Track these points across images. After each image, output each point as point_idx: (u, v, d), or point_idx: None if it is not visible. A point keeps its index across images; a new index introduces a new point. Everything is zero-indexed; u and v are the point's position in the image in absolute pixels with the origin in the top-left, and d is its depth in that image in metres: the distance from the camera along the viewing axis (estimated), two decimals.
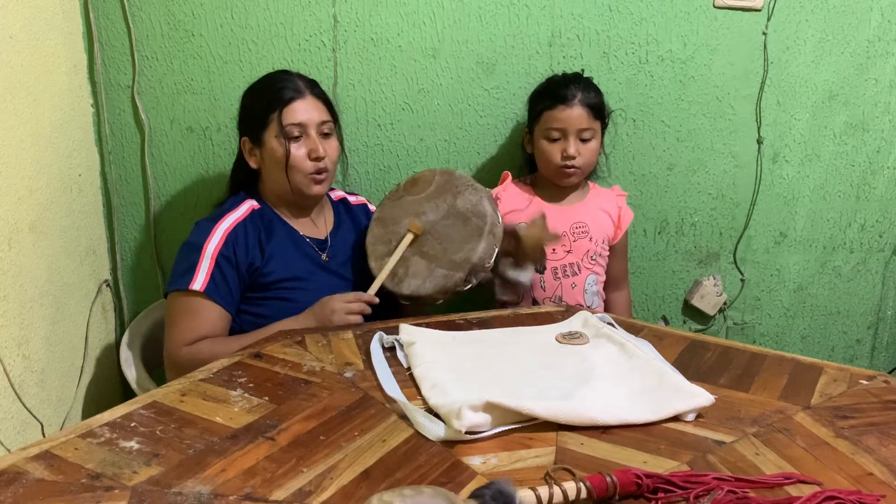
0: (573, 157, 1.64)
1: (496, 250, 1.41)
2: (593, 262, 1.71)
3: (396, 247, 1.48)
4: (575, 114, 1.63)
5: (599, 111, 1.67)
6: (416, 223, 1.49)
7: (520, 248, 1.49)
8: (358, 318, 1.38)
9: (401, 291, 1.44)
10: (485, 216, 1.42)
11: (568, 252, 1.69)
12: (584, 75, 1.72)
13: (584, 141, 1.65)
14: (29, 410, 1.43)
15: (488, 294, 1.64)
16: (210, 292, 1.39)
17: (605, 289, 1.79)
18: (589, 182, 1.78)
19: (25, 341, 1.43)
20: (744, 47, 1.86)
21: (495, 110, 1.86)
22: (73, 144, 1.66)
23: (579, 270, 1.70)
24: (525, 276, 1.52)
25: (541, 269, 1.67)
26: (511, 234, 1.49)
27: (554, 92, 1.67)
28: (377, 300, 1.42)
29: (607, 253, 1.75)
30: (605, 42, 1.83)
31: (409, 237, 1.48)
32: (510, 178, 1.77)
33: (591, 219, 1.71)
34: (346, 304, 1.37)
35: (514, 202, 1.72)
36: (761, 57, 1.87)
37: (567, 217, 1.70)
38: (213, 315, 1.41)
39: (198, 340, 1.39)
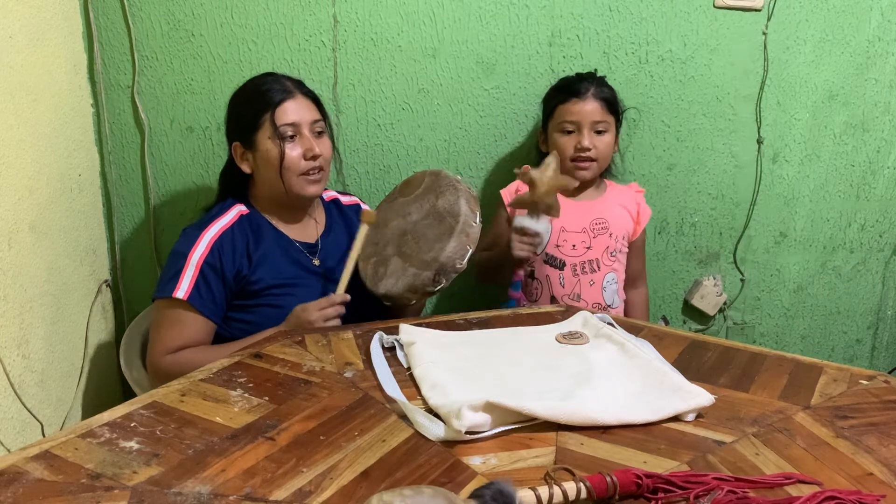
0: (588, 149, 1.64)
1: (469, 250, 1.39)
2: (613, 258, 1.70)
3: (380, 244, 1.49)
4: (588, 107, 1.64)
5: (613, 106, 1.68)
6: (370, 212, 1.50)
7: (532, 193, 1.48)
8: (337, 323, 1.38)
9: (377, 291, 1.44)
10: (458, 215, 1.40)
11: (588, 248, 1.68)
12: (598, 78, 1.72)
13: (598, 133, 1.66)
14: (29, 410, 1.43)
15: (504, 256, 1.59)
16: (193, 301, 1.39)
17: (624, 287, 1.78)
18: (605, 180, 1.78)
19: (25, 341, 1.43)
20: (744, 47, 1.86)
21: (495, 110, 1.86)
22: (73, 144, 1.66)
23: (598, 267, 1.69)
24: (540, 225, 1.50)
25: (560, 265, 1.66)
26: (523, 179, 1.48)
27: (567, 87, 1.69)
28: (348, 297, 1.41)
29: (626, 250, 1.74)
30: (605, 42, 1.83)
31: (364, 228, 1.48)
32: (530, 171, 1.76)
33: (610, 214, 1.71)
34: (321, 312, 1.36)
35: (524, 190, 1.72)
36: (761, 57, 1.87)
37: (586, 213, 1.70)
38: (196, 324, 1.40)
39: (180, 349, 1.39)
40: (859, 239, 2.04)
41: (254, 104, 1.46)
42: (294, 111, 1.45)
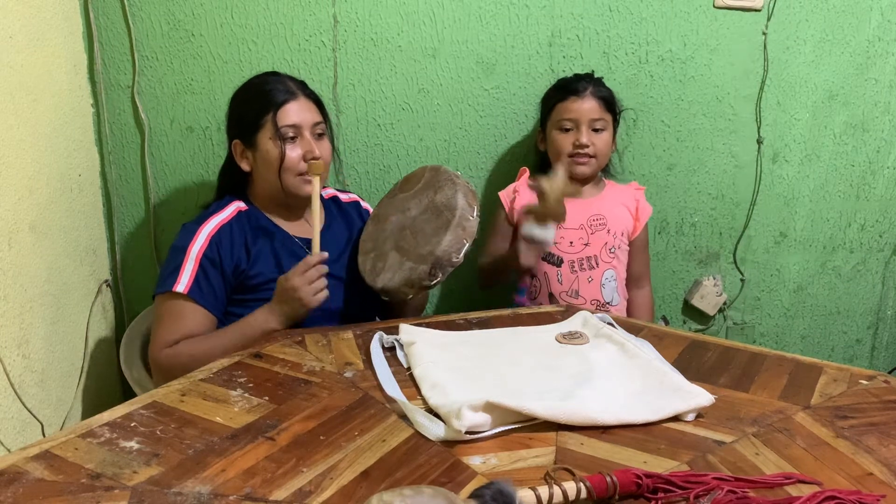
0: (586, 146, 1.65)
1: (466, 244, 1.38)
2: (612, 255, 1.71)
3: (376, 237, 1.50)
4: (587, 105, 1.66)
5: (611, 104, 1.69)
6: (318, 163, 1.44)
7: (543, 203, 1.49)
8: (323, 282, 1.37)
9: (375, 285, 1.44)
10: (454, 209, 1.40)
11: (586, 245, 1.69)
12: (596, 78, 1.73)
13: (596, 131, 1.67)
14: (29, 410, 1.43)
15: (508, 262, 1.65)
16: (193, 294, 1.39)
17: (626, 287, 1.78)
18: (605, 179, 1.78)
19: (25, 341, 1.43)
20: (744, 47, 1.86)
21: (495, 110, 1.86)
22: (73, 144, 1.66)
23: (597, 264, 1.69)
24: (548, 233, 1.52)
25: (558, 262, 1.67)
26: (534, 189, 1.51)
27: (566, 86, 1.70)
28: (326, 255, 1.40)
29: (627, 247, 1.75)
30: (605, 42, 1.83)
31: (315, 179, 1.44)
32: (528, 173, 1.77)
33: (608, 211, 1.72)
34: (303, 276, 1.35)
35: (530, 198, 1.72)
36: (761, 57, 1.87)
37: (584, 210, 1.70)
38: (196, 317, 1.40)
39: (180, 342, 1.39)
40: (859, 239, 2.04)
41: (256, 104, 1.47)
42: (296, 113, 1.46)
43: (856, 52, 1.89)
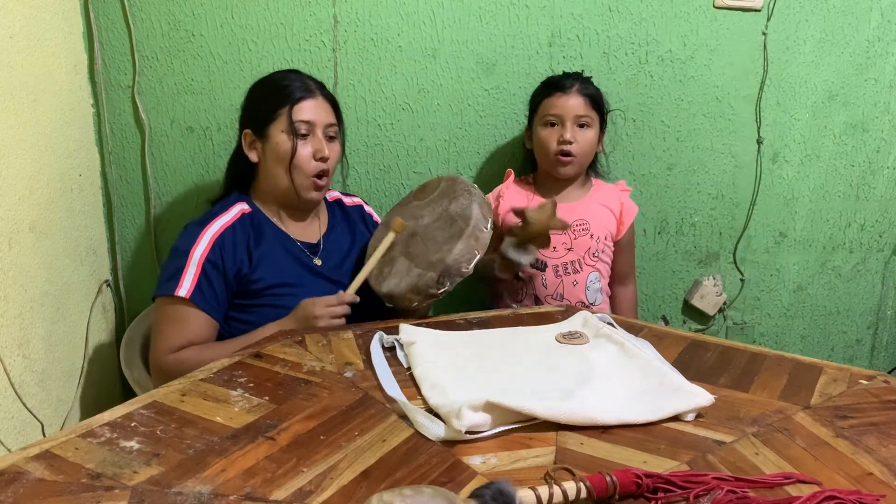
0: (570, 143, 1.64)
1: (477, 255, 1.37)
2: (595, 258, 1.71)
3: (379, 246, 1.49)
4: (572, 101, 1.66)
5: (597, 103, 1.69)
6: (399, 221, 1.48)
7: (525, 230, 1.49)
8: (341, 321, 1.37)
9: (380, 290, 1.43)
10: (468, 219, 1.39)
11: (569, 250, 1.69)
12: (584, 77, 1.73)
13: (581, 127, 1.66)
14: (29, 410, 1.43)
15: (489, 276, 1.66)
16: (195, 299, 1.38)
17: (610, 284, 1.79)
18: (592, 178, 1.78)
19: (25, 341, 1.43)
20: (744, 47, 1.86)
21: (495, 110, 1.86)
22: (73, 144, 1.66)
23: (581, 268, 1.70)
24: (525, 258, 1.52)
25: (542, 266, 1.66)
26: (518, 215, 1.51)
27: (553, 83, 1.71)
28: (357, 299, 1.40)
29: (611, 249, 1.75)
30: (605, 42, 1.83)
31: (391, 236, 1.47)
32: (513, 175, 1.77)
33: (592, 215, 1.71)
34: (328, 309, 1.35)
35: (516, 200, 1.72)
36: (761, 57, 1.87)
37: (567, 214, 1.69)
38: (198, 322, 1.40)
39: (183, 347, 1.38)
40: (859, 239, 2.04)
41: (274, 96, 1.48)
42: (311, 110, 1.47)
43: (856, 52, 1.89)
